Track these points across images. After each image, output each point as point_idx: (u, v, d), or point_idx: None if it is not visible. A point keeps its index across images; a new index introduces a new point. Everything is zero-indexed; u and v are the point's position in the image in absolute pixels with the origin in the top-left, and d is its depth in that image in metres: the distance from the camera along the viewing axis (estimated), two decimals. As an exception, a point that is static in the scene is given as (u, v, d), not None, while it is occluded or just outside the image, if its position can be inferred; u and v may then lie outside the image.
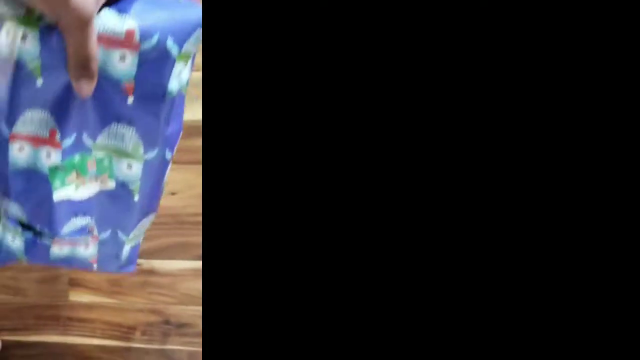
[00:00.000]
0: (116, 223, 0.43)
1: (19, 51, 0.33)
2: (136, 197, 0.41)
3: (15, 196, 0.39)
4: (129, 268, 0.48)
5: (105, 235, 0.44)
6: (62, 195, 0.39)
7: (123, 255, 0.46)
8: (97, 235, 0.43)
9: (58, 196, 0.39)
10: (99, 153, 0.39)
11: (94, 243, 0.43)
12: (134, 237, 0.45)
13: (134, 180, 0.40)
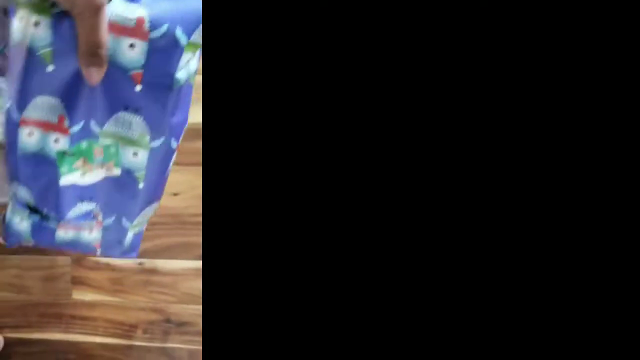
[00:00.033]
0: (120, 209, 0.44)
1: (32, 37, 0.34)
2: (141, 185, 0.41)
3: (23, 180, 0.39)
4: (131, 254, 0.48)
5: (110, 221, 0.44)
6: (69, 181, 0.39)
7: (126, 242, 0.46)
8: (102, 221, 0.43)
9: (65, 181, 0.39)
10: (106, 140, 0.39)
11: (98, 228, 0.44)
12: (137, 224, 0.45)
13: (139, 168, 0.40)
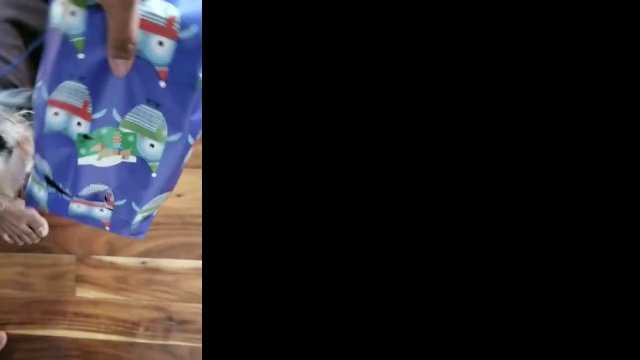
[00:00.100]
0: (131, 194, 0.45)
1: (67, 25, 0.36)
2: (154, 174, 0.42)
3: (44, 154, 0.42)
4: (138, 236, 0.50)
5: (120, 203, 0.45)
6: (86, 162, 0.41)
7: (133, 224, 0.48)
8: (113, 202, 0.45)
9: (82, 162, 0.41)
10: (126, 129, 0.40)
11: (109, 208, 0.46)
12: (146, 210, 0.47)
13: (154, 158, 0.41)
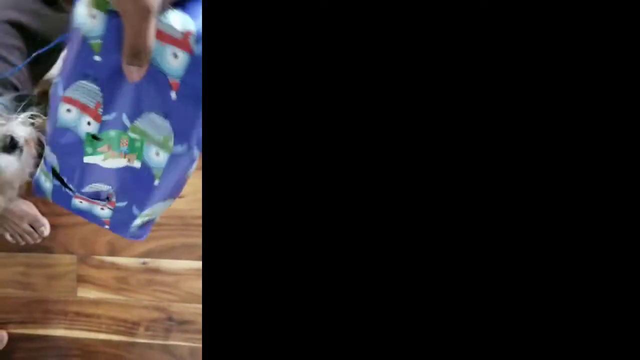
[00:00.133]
0: (132, 198, 0.45)
1: (87, 27, 0.37)
2: (156, 182, 0.43)
3: (54, 147, 0.43)
4: (138, 238, 0.51)
5: (121, 205, 0.46)
6: (91, 160, 0.42)
7: (132, 227, 0.48)
8: (114, 202, 0.46)
9: (87, 160, 0.42)
10: (134, 134, 0.41)
11: (110, 208, 0.47)
12: (147, 215, 0.47)
13: (158, 166, 0.42)
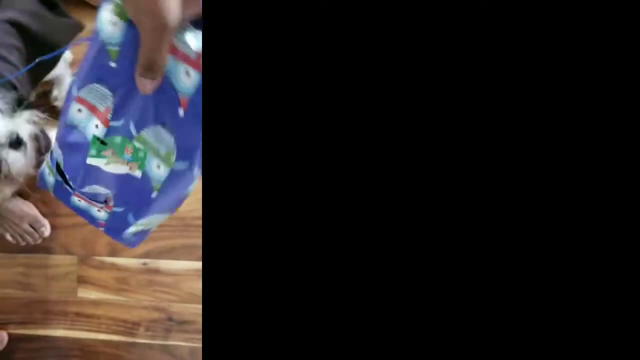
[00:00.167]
0: (129, 206, 0.46)
1: (106, 33, 0.38)
2: (154, 194, 0.43)
3: (60, 144, 0.44)
4: (130, 245, 0.51)
5: (117, 210, 0.46)
6: (94, 162, 0.43)
7: (126, 234, 0.49)
8: (112, 206, 0.47)
9: (90, 161, 0.43)
10: (138, 144, 0.42)
11: (107, 211, 0.47)
12: (141, 224, 0.48)
13: (158, 179, 0.43)
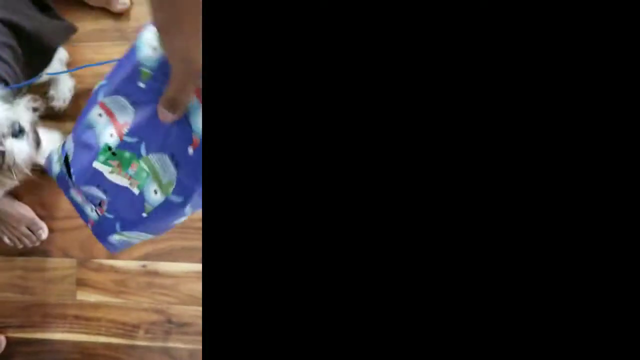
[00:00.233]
0: (120, 216, 0.48)
1: (144, 55, 0.40)
2: (144, 215, 0.46)
3: (74, 139, 0.47)
4: (111, 250, 0.53)
5: (107, 216, 0.49)
6: (99, 167, 0.45)
7: (110, 239, 0.51)
8: (103, 210, 0.49)
9: (96, 165, 0.45)
10: (144, 164, 0.44)
11: (98, 213, 0.49)
12: (125, 236, 0.50)
13: (152, 203, 0.45)
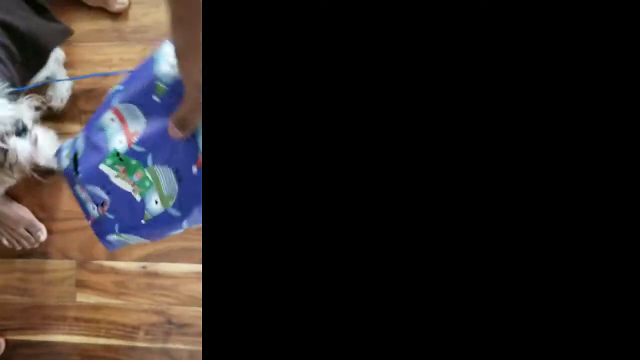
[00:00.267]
0: (119, 218, 0.50)
1: (162, 71, 0.43)
2: (142, 222, 0.48)
3: (85, 137, 0.49)
4: (109, 247, 0.56)
5: (108, 216, 0.50)
6: (105, 170, 0.48)
7: (108, 237, 0.53)
8: (105, 209, 0.51)
9: (102, 168, 0.48)
10: (149, 174, 0.46)
11: (99, 211, 0.52)
12: (123, 237, 0.52)
13: (151, 212, 0.47)
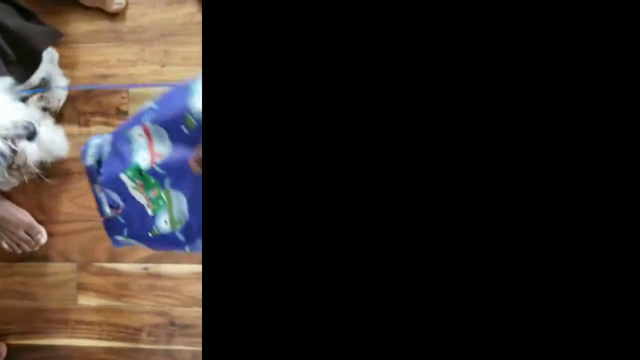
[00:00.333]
0: (129, 224, 0.55)
1: (193, 105, 0.47)
2: (151, 235, 0.53)
3: (111, 144, 0.54)
4: (115, 244, 0.60)
5: (120, 220, 0.55)
6: (124, 180, 0.52)
7: (115, 237, 0.58)
8: (118, 213, 0.56)
9: (122, 177, 0.52)
10: (164, 195, 0.51)
11: (113, 213, 0.56)
12: (130, 240, 0.57)
13: (159, 229, 0.52)
